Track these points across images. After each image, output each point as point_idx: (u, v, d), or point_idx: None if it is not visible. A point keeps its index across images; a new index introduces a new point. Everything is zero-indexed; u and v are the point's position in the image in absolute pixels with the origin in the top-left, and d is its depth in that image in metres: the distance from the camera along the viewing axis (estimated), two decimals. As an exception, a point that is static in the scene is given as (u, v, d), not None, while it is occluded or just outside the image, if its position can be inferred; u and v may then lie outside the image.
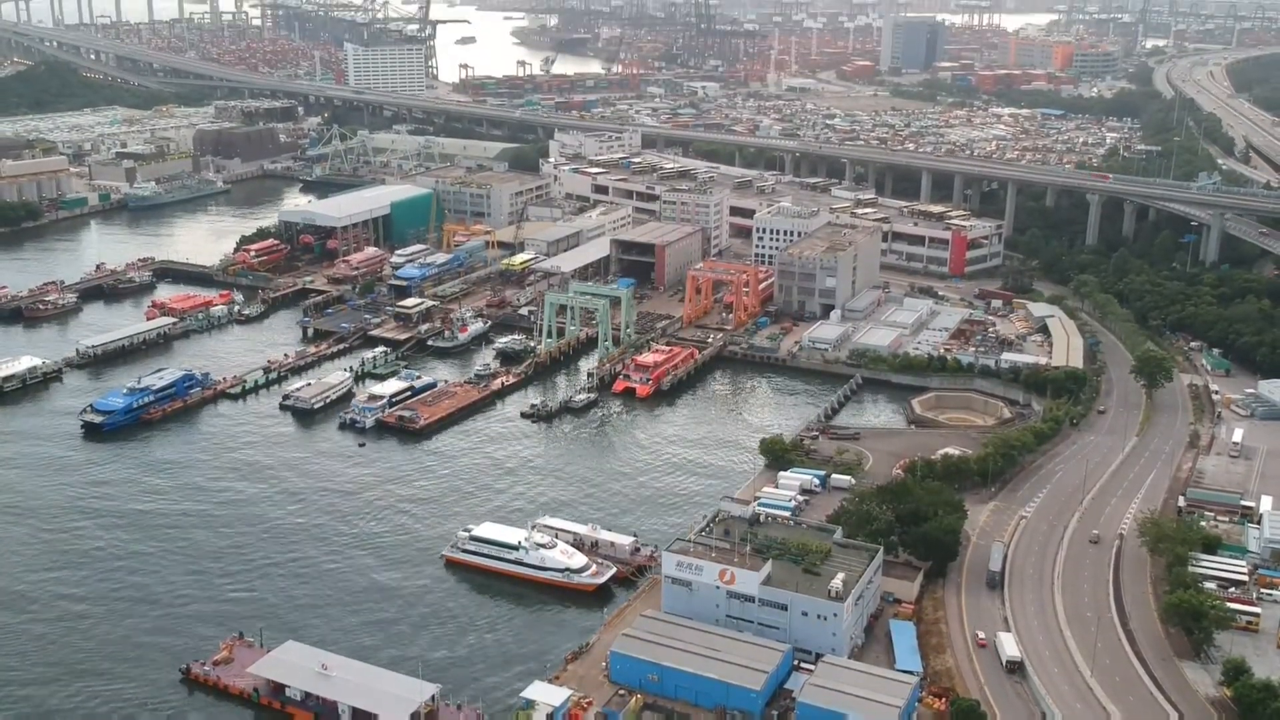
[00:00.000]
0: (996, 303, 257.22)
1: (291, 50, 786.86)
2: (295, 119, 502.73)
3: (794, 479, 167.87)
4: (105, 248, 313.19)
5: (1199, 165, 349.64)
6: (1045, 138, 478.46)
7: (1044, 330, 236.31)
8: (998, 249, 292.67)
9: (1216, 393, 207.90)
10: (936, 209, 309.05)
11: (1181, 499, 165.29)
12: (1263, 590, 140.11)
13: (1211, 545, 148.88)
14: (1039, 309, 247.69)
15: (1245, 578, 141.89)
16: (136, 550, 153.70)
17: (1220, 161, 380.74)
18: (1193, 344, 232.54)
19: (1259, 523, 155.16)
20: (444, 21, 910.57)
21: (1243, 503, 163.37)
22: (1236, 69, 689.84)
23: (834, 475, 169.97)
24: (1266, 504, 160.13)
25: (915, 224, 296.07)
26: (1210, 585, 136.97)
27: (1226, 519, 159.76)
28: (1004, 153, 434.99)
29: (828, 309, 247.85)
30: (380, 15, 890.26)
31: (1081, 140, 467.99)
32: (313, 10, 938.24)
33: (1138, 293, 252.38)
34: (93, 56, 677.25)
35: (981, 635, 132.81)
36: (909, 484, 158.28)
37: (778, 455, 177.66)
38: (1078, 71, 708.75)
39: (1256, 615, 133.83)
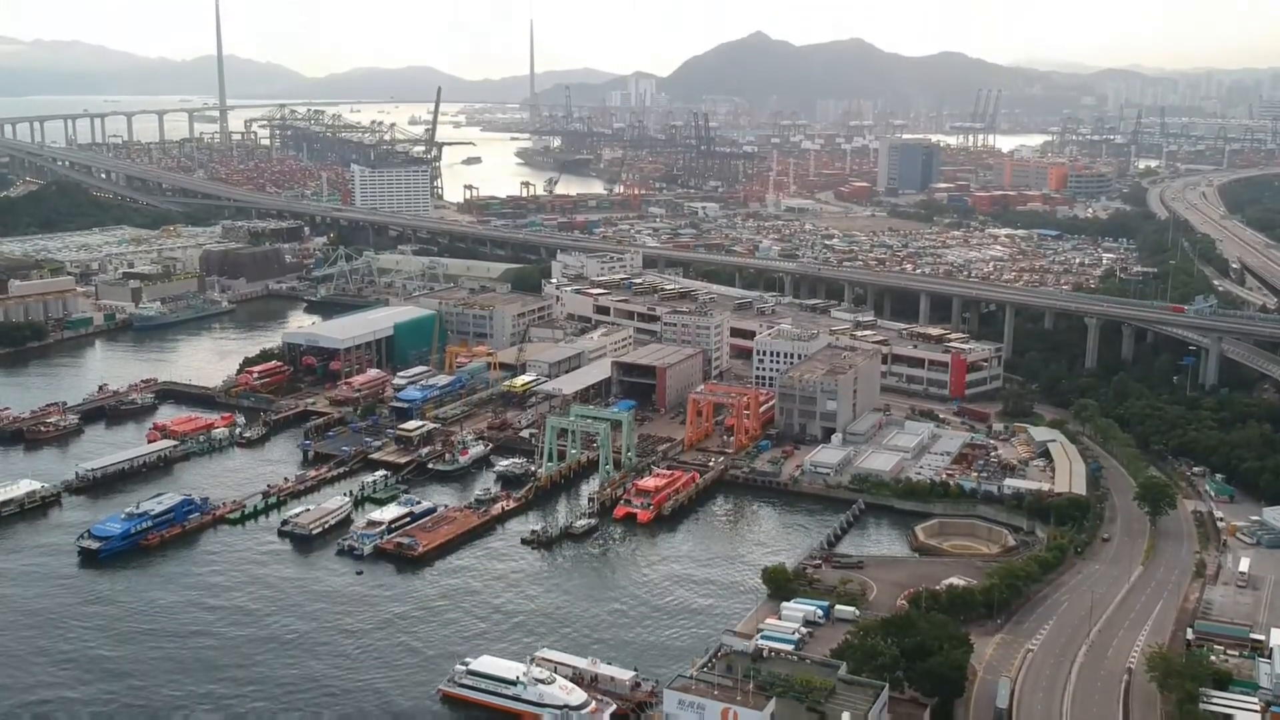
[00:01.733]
0: (998, 426, 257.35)
1: (299, 171, 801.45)
2: (301, 239, 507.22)
3: (797, 610, 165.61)
4: (109, 368, 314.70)
5: (1195, 287, 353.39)
6: (1042, 258, 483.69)
7: (1046, 455, 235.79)
8: (997, 372, 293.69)
9: (1221, 520, 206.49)
10: (935, 331, 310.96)
11: (1190, 631, 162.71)
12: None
13: (1222, 681, 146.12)
14: (1040, 433, 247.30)
15: (1259, 715, 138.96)
16: (128, 676, 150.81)
17: (1216, 283, 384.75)
18: (1195, 469, 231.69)
19: (1270, 657, 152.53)
20: (450, 143, 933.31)
21: (1252, 636, 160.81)
22: (1228, 190, 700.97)
23: (838, 606, 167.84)
24: (1277, 638, 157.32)
25: (915, 346, 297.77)
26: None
27: (1236, 653, 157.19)
28: (1001, 274, 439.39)
29: (829, 432, 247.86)
30: (387, 137, 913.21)
31: (1078, 261, 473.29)
32: (320, 131, 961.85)
33: (1138, 417, 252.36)
34: (103, 176, 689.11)
35: None
36: (913, 617, 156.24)
37: (780, 585, 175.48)
38: (1072, 192, 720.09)
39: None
